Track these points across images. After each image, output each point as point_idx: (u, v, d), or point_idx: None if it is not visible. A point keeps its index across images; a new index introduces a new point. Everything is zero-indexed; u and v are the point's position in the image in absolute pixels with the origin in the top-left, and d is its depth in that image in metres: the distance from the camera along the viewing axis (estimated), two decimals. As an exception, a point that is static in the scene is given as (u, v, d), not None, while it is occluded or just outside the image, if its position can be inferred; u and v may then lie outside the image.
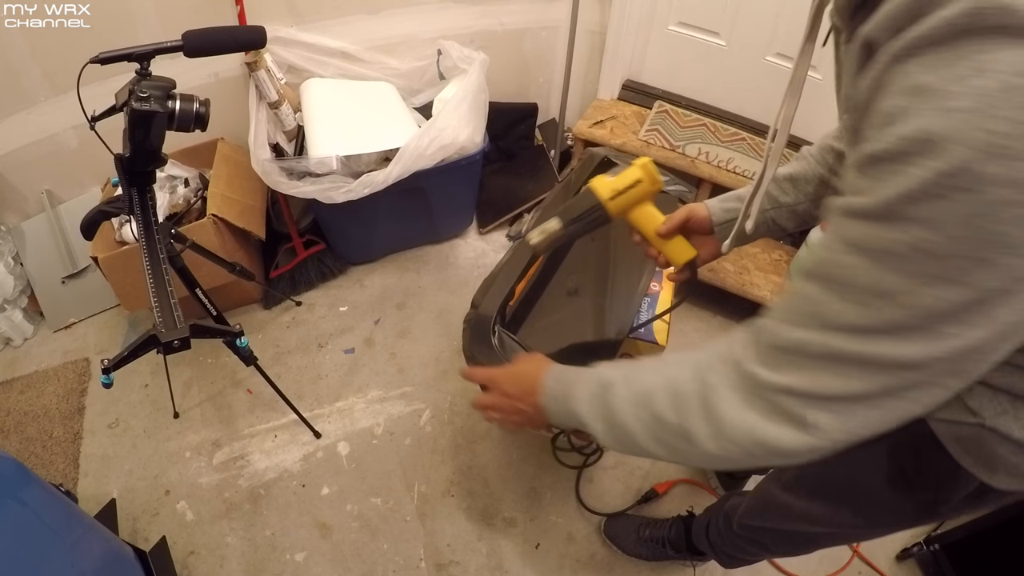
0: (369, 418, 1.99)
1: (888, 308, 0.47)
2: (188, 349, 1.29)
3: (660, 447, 0.67)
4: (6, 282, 2.13)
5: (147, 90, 1.25)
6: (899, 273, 0.45)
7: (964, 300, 0.44)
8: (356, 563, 1.69)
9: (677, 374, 0.66)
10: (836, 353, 0.51)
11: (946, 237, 0.42)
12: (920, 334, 0.46)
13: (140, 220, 1.40)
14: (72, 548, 1.21)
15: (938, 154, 0.40)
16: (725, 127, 2.28)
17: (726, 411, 0.59)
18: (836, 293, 0.50)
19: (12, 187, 2.14)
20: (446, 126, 1.96)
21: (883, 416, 0.52)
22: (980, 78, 0.38)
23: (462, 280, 2.39)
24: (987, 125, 0.38)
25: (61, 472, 1.88)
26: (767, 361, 0.56)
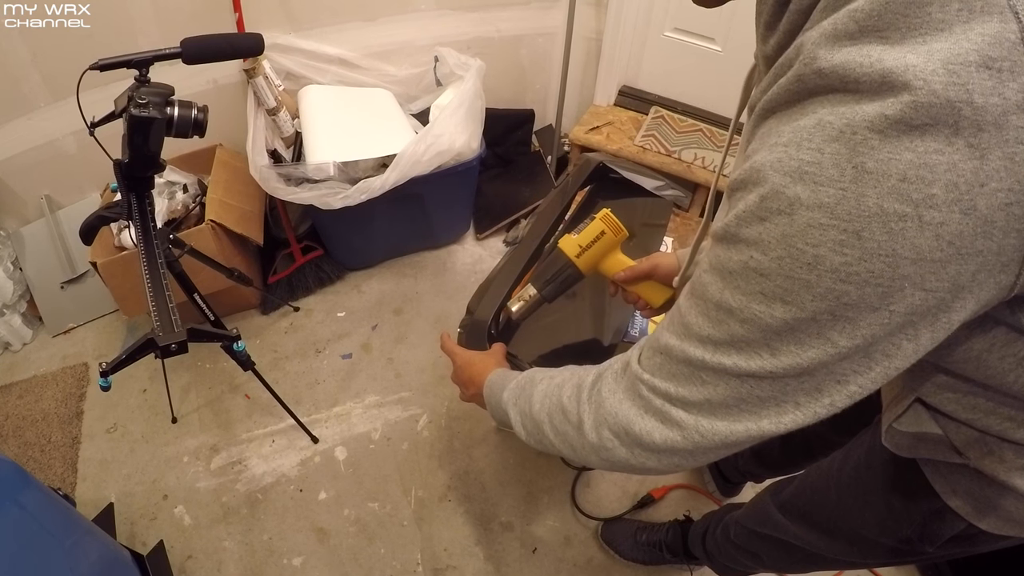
0: (366, 423, 1.99)
1: (730, 322, 0.51)
2: (185, 352, 1.30)
3: (558, 437, 0.73)
4: (5, 287, 2.14)
5: (146, 96, 1.26)
6: (737, 290, 0.49)
7: (792, 318, 0.47)
8: (353, 568, 1.70)
9: (586, 372, 0.73)
10: (692, 360, 0.55)
11: (770, 257, 0.46)
12: (758, 349, 0.50)
13: (139, 225, 1.41)
14: (70, 551, 1.21)
15: (760, 181, 0.45)
16: (721, 132, 2.29)
17: (607, 399, 0.65)
18: (696, 307, 0.55)
19: (11, 192, 2.14)
20: (443, 132, 1.97)
21: (738, 426, 0.55)
22: (802, 119, 0.44)
23: (459, 286, 2.39)
24: (798, 154, 0.43)
25: (59, 476, 1.89)
26: (647, 362, 0.62)
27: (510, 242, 2.48)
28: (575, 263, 1.10)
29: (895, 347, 0.47)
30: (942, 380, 0.65)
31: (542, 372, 0.85)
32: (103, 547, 1.38)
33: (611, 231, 1.08)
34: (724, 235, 0.50)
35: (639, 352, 0.64)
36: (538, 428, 0.77)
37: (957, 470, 0.73)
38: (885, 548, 0.89)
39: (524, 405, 0.82)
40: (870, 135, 0.40)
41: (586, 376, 0.72)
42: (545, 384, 0.80)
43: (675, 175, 2.18)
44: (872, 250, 0.41)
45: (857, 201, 0.41)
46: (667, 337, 0.58)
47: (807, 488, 1.04)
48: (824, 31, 0.43)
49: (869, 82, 0.40)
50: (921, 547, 0.83)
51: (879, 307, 0.44)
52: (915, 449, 0.75)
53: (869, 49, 0.40)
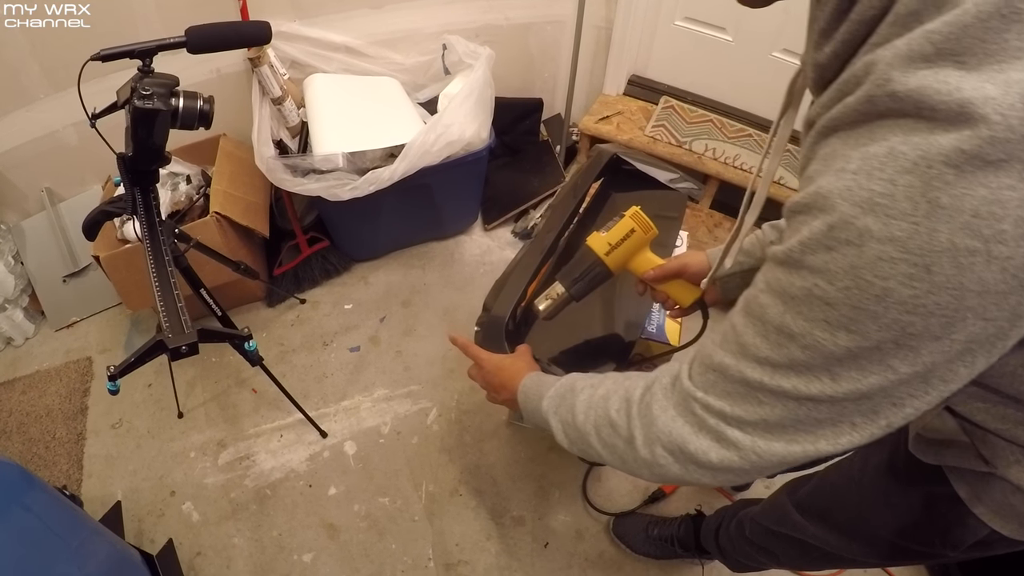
0: (376, 417, 1.97)
1: (790, 346, 0.50)
2: (196, 354, 1.27)
3: (606, 449, 0.73)
4: (7, 281, 2.11)
5: (150, 87, 1.22)
6: (800, 316, 0.49)
7: (856, 347, 0.46)
8: (364, 563, 1.68)
9: (633, 384, 0.71)
10: (749, 380, 0.54)
11: (836, 286, 0.45)
12: (819, 374, 0.50)
13: (144, 221, 1.37)
14: (77, 551, 1.20)
15: (828, 209, 0.44)
16: (731, 123, 2.27)
17: (659, 417, 0.64)
18: (753, 327, 0.54)
19: (12, 185, 2.11)
20: (452, 122, 1.94)
21: (795, 447, 0.55)
22: (871, 146, 0.42)
23: (468, 277, 2.37)
24: (869, 184, 0.42)
25: (65, 473, 1.87)
26: (699, 378, 0.61)
27: (519, 233, 2.45)
28: (604, 261, 1.08)
29: (952, 372, 0.47)
30: (973, 391, 0.65)
31: (582, 380, 0.83)
32: (111, 547, 1.37)
33: (641, 229, 1.06)
34: (787, 260, 0.49)
35: (688, 367, 0.63)
36: (583, 439, 0.76)
37: (983, 478, 0.74)
38: (905, 550, 0.90)
39: (566, 415, 0.80)
40: (945, 169, 0.39)
41: (633, 389, 0.70)
42: (587, 394, 0.78)
43: (686, 166, 2.16)
44: (940, 283, 0.41)
45: (929, 236, 0.40)
46: (721, 355, 0.57)
47: (826, 488, 1.04)
48: (899, 52, 0.42)
49: (946, 111, 0.39)
50: (943, 551, 0.84)
51: (941, 336, 0.44)
52: (941, 456, 0.77)
53: (946, 74, 0.39)
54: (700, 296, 1.09)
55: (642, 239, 1.07)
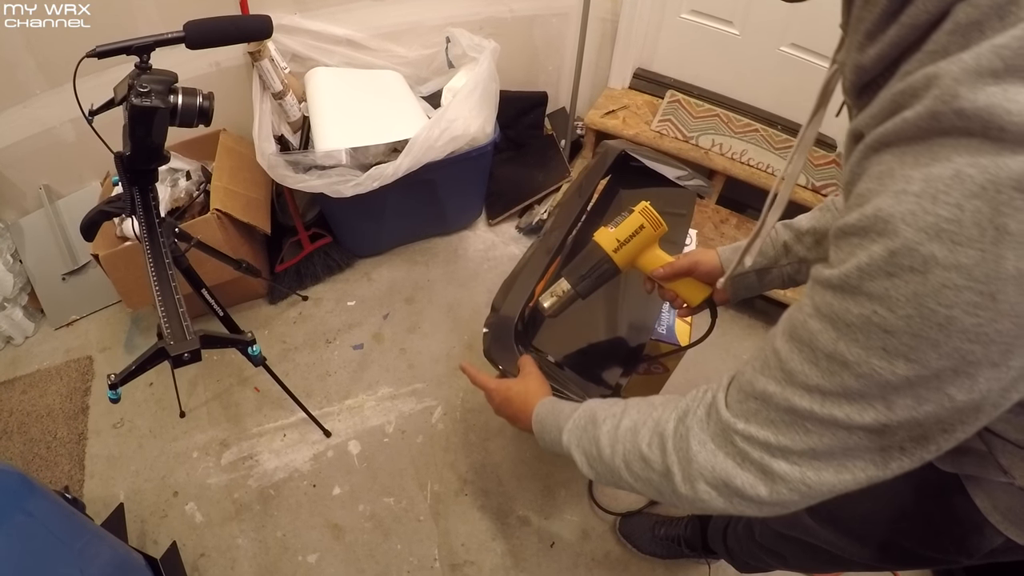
0: (380, 416, 1.95)
1: (844, 374, 0.48)
2: (199, 361, 1.24)
3: (640, 483, 0.71)
4: (5, 280, 2.09)
5: (147, 84, 1.19)
6: (855, 343, 0.47)
7: (915, 376, 0.45)
8: (370, 564, 1.67)
9: (662, 415, 0.69)
10: (797, 409, 0.53)
11: (896, 314, 0.43)
12: (873, 402, 0.48)
13: (143, 222, 1.34)
14: (80, 554, 1.19)
15: (890, 233, 0.42)
16: (738, 118, 2.24)
17: (698, 452, 0.62)
18: (800, 353, 0.52)
19: (9, 183, 2.08)
20: (457, 117, 1.92)
21: (846, 475, 0.54)
22: (934, 166, 0.40)
23: (472, 273, 2.35)
24: (935, 209, 0.40)
25: (66, 474, 1.85)
26: (738, 407, 0.59)
27: (523, 228, 2.43)
28: (612, 258, 1.05)
29: (1004, 399, 0.46)
30: None
31: (602, 409, 0.81)
32: (113, 551, 1.36)
33: (651, 225, 1.04)
34: (842, 285, 0.47)
35: (724, 395, 0.61)
36: (612, 473, 0.74)
37: (1000, 487, 0.73)
38: (919, 556, 0.89)
39: (590, 447, 0.78)
40: (1015, 195, 0.38)
41: (665, 422, 0.68)
42: (611, 425, 0.76)
43: (693, 161, 2.13)
44: (1004, 311, 0.40)
45: (996, 263, 0.39)
46: (763, 382, 0.56)
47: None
48: (966, 66, 0.39)
49: (1016, 132, 0.37)
50: (956, 558, 0.83)
51: (999, 364, 0.43)
52: (959, 464, 0.76)
53: (1016, 92, 0.37)
54: (710, 295, 1.07)
55: (651, 236, 1.05)
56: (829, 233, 0.51)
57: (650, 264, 1.08)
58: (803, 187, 2.04)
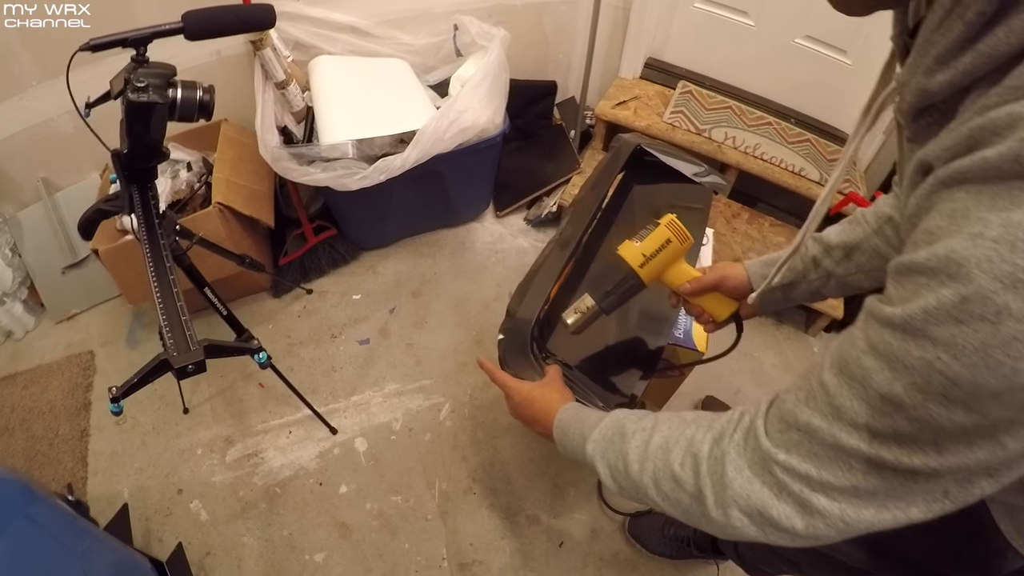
0: (387, 413, 1.93)
1: (897, 416, 0.47)
2: (203, 372, 1.20)
3: (667, 502, 0.69)
4: (4, 275, 2.05)
5: (145, 79, 1.14)
6: (913, 387, 0.45)
7: (972, 424, 0.44)
8: (377, 563, 1.66)
9: (696, 435, 0.67)
10: (843, 446, 0.51)
11: (961, 362, 0.42)
12: (925, 446, 0.47)
13: (143, 222, 1.29)
14: (83, 557, 1.17)
15: (962, 279, 0.41)
16: (751, 111, 2.20)
17: (734, 479, 0.60)
18: (851, 389, 0.50)
19: (7, 176, 2.03)
20: (466, 108, 1.87)
21: (886, 514, 0.53)
22: (1015, 212, 0.39)
23: (479, 266, 2.31)
24: (1013, 258, 0.39)
25: (69, 471, 1.82)
26: (778, 437, 0.57)
27: (532, 220, 2.39)
28: (638, 274, 1.03)
29: None
30: None
31: (631, 422, 0.78)
32: (117, 554, 1.35)
33: (677, 239, 1.01)
34: (904, 326, 0.45)
35: (764, 422, 0.59)
36: (638, 489, 0.72)
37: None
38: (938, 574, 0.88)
39: (615, 461, 0.76)
40: None
41: (700, 443, 0.66)
42: (640, 439, 0.73)
43: (705, 154, 2.10)
44: None
45: None
46: (808, 414, 0.54)
47: None
48: None
49: None
50: None
51: None
52: None
53: None
54: (736, 310, 1.05)
55: (678, 250, 1.02)
56: (888, 266, 0.49)
57: (677, 279, 1.05)
58: (816, 183, 2.00)
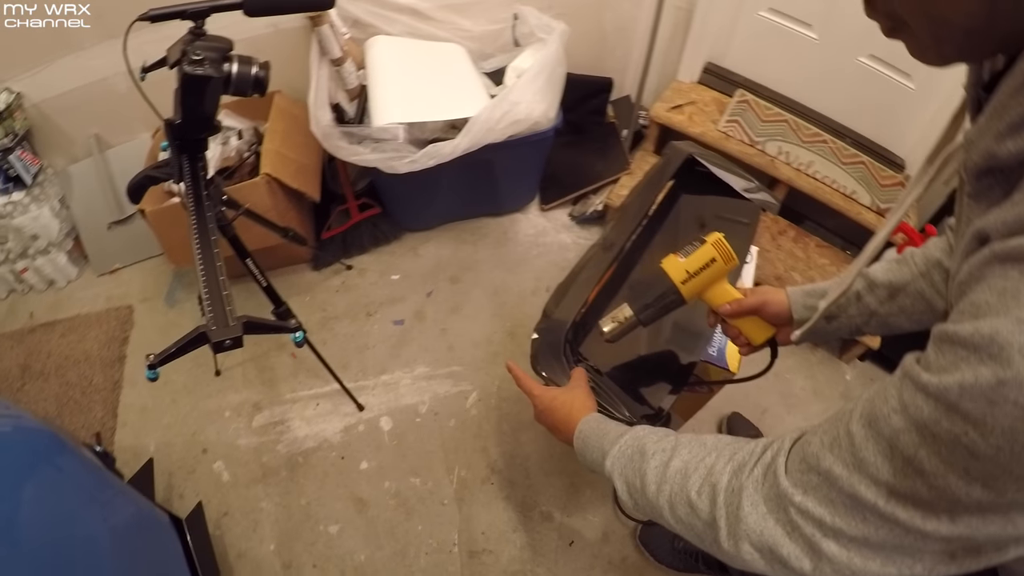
0: (414, 395, 1.95)
1: (917, 481, 0.48)
2: (240, 347, 1.20)
3: (680, 524, 0.69)
4: (51, 225, 2.10)
5: (201, 52, 1.15)
6: (936, 456, 0.46)
7: (988, 501, 0.45)
8: (389, 541, 1.68)
9: (716, 464, 0.67)
10: (860, 498, 0.52)
11: (988, 442, 0.42)
12: (939, 513, 0.48)
13: (191, 193, 1.30)
14: (105, 507, 1.22)
15: (1003, 361, 0.40)
16: (807, 126, 2.15)
17: (749, 514, 0.61)
18: (877, 445, 0.51)
19: (60, 130, 2.08)
20: (520, 100, 1.86)
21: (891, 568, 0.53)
22: None
23: (520, 257, 2.31)
24: None
25: (99, 421, 1.87)
26: (798, 477, 0.58)
27: (576, 216, 2.38)
28: (679, 290, 1.01)
29: None
30: None
31: (651, 441, 0.78)
32: (138, 507, 1.38)
33: (722, 259, 0.99)
34: (938, 396, 0.45)
35: (785, 460, 0.60)
36: (653, 509, 0.73)
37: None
38: None
39: (634, 479, 0.76)
40: None
41: (719, 473, 0.66)
42: (659, 461, 0.74)
43: (756, 168, 2.06)
44: None
45: None
46: (831, 461, 0.54)
47: None
48: None
49: None
50: None
51: None
52: None
53: None
54: (773, 335, 1.04)
55: (722, 270, 1.00)
56: (932, 330, 0.49)
57: (718, 299, 1.04)
58: (867, 208, 1.96)
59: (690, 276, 1.00)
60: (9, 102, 1.97)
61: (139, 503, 1.40)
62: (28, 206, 2.06)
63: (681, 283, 1.00)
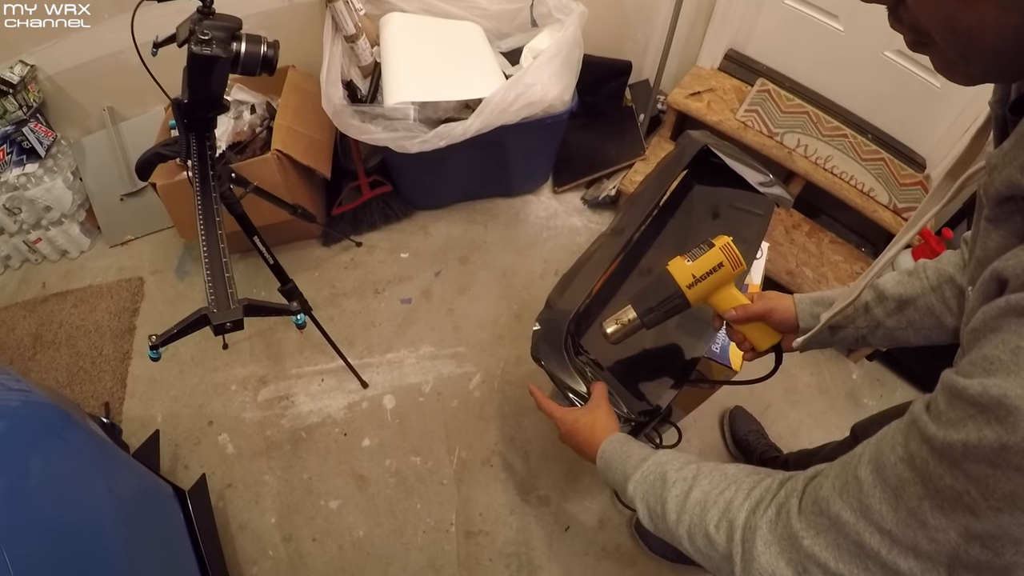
0: (419, 374, 1.96)
1: (919, 533, 0.47)
2: (241, 329, 1.22)
3: (698, 554, 0.69)
4: (64, 196, 2.12)
5: (209, 31, 1.15)
6: (939, 511, 0.46)
7: (985, 561, 0.44)
8: (388, 518, 1.70)
9: (734, 499, 0.67)
10: (864, 545, 0.51)
11: (988, 503, 0.42)
12: (939, 567, 0.47)
13: (197, 172, 1.30)
14: (110, 477, 1.25)
15: (1008, 426, 0.40)
16: (828, 119, 2.10)
17: (762, 554, 0.60)
18: (883, 493, 0.50)
19: (74, 102, 2.09)
20: (535, 82, 1.83)
21: None
22: None
23: (530, 240, 2.30)
24: None
25: (108, 390, 1.90)
26: (810, 519, 0.57)
27: (589, 200, 2.36)
28: (685, 294, 1.00)
29: None
30: None
31: (673, 468, 0.77)
32: (141, 478, 1.42)
33: (730, 264, 0.97)
34: (943, 452, 0.45)
35: (799, 501, 0.59)
36: (672, 536, 0.73)
37: None
38: None
39: (655, 505, 0.76)
40: None
41: (737, 510, 0.65)
42: (680, 491, 0.73)
43: (774, 160, 2.02)
44: None
45: None
46: (839, 506, 0.54)
47: None
48: None
49: None
50: None
51: None
52: None
53: None
54: (778, 342, 1.02)
55: (729, 275, 0.98)
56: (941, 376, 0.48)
57: (724, 304, 1.02)
58: (884, 206, 1.92)
59: (696, 280, 0.98)
60: (23, 74, 1.97)
61: (143, 475, 1.44)
62: (42, 178, 2.08)
63: (687, 287, 0.99)
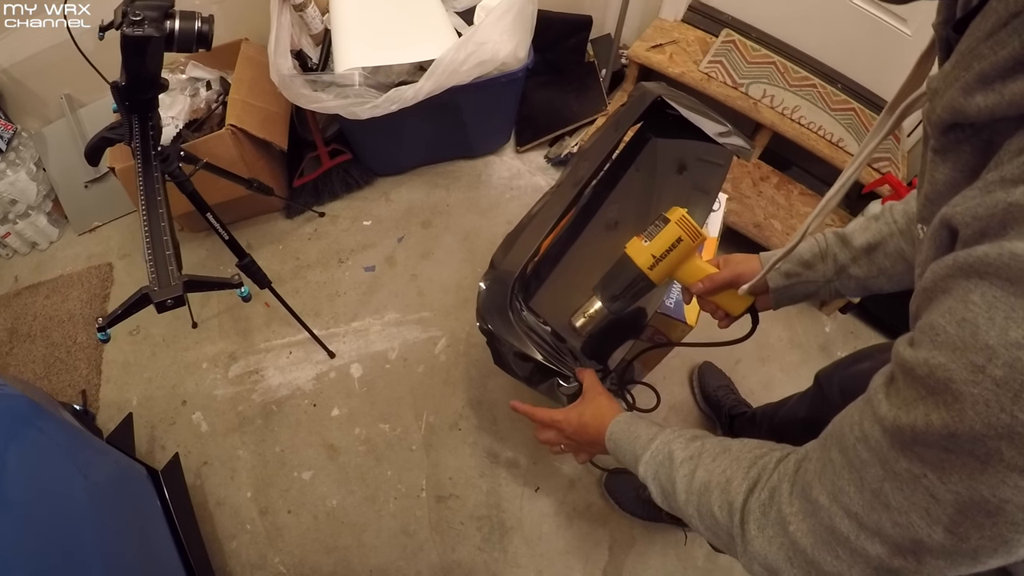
0: (384, 341, 1.96)
1: (883, 516, 0.46)
2: (183, 306, 1.24)
3: (708, 532, 0.70)
4: (29, 188, 2.12)
5: (140, 12, 1.14)
6: (900, 493, 0.44)
7: (952, 546, 0.43)
8: (360, 486, 1.73)
9: (733, 477, 0.67)
10: (836, 530, 0.50)
11: (946, 487, 0.41)
12: (906, 554, 0.46)
13: (139, 153, 1.31)
14: (84, 464, 1.27)
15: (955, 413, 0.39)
16: (796, 69, 2.02)
17: (756, 537, 0.60)
18: (849, 474, 0.49)
19: (31, 93, 2.09)
20: (486, 40, 1.79)
21: None
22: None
23: (493, 201, 2.27)
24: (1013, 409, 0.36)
25: (84, 378, 1.94)
26: (797, 503, 0.56)
27: (552, 159, 2.32)
28: (648, 275, 0.97)
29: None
30: None
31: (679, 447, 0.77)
32: (115, 462, 1.44)
33: (688, 237, 0.94)
34: (894, 435, 0.44)
35: (790, 484, 0.58)
36: (684, 516, 0.74)
37: None
38: None
39: (666, 485, 0.76)
40: None
41: (735, 492, 0.65)
42: (687, 472, 0.73)
43: (739, 111, 1.96)
44: None
45: None
46: (818, 490, 0.53)
47: None
48: None
49: None
50: None
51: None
52: None
53: None
54: (752, 304, 1.01)
55: (689, 248, 0.95)
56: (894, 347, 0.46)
57: (689, 277, 1.00)
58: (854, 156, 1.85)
59: (656, 260, 0.96)
60: (-24, 70, 1.98)
61: (118, 459, 1.47)
62: (4, 172, 2.08)
63: (648, 268, 0.96)
